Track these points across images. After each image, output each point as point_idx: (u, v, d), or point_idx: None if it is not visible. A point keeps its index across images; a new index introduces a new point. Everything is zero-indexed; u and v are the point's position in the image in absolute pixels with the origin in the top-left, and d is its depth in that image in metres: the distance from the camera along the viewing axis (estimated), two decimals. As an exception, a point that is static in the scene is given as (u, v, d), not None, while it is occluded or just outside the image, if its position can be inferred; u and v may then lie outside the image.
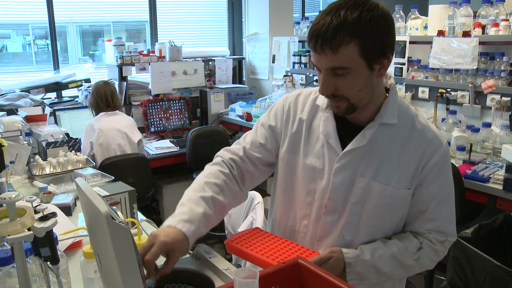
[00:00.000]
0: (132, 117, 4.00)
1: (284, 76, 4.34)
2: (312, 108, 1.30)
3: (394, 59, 3.35)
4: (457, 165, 2.43)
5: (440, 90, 3.09)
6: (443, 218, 1.24)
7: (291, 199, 1.33)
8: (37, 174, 2.32)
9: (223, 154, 1.36)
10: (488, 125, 2.75)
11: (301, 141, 1.29)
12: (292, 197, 1.33)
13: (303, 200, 1.30)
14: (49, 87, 4.03)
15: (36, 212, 1.02)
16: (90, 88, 3.56)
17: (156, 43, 4.50)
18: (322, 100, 1.27)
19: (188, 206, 1.19)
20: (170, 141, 4.06)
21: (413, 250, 1.23)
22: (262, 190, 1.69)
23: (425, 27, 3.21)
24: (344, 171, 1.21)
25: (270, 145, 1.34)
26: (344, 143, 1.23)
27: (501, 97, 2.79)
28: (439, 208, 1.23)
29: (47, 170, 2.36)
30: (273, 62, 4.65)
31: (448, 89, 3.06)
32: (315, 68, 1.16)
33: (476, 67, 2.86)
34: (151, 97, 4.30)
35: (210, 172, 1.30)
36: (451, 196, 1.26)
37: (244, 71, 5.07)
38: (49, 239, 1.02)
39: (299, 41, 4.28)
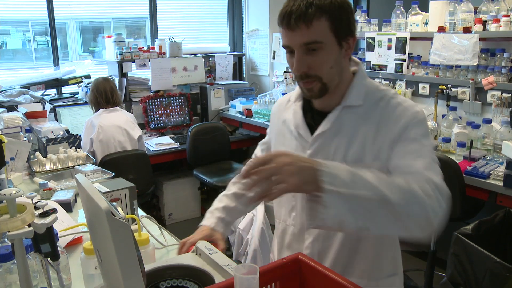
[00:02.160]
0: (132, 113, 4.00)
1: (285, 72, 4.34)
2: (286, 106, 1.38)
3: (395, 55, 3.35)
4: (457, 162, 2.42)
5: (440, 87, 3.09)
6: (422, 168, 1.11)
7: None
8: (37, 170, 2.32)
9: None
10: (488, 121, 2.75)
11: (281, 139, 1.37)
12: None
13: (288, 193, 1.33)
14: (49, 84, 4.03)
15: (36, 208, 1.02)
16: (90, 84, 3.56)
17: (156, 39, 4.50)
18: (290, 95, 1.37)
19: (212, 207, 1.47)
20: (170, 138, 4.06)
21: (401, 177, 1.08)
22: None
23: (426, 23, 3.20)
24: (316, 157, 1.23)
25: (269, 147, 1.47)
26: (312, 131, 1.27)
27: (501, 94, 2.79)
28: (415, 162, 1.13)
29: (47, 167, 2.36)
30: (274, 58, 4.64)
31: (448, 86, 3.06)
32: (286, 51, 1.20)
33: (476, 63, 2.86)
34: (151, 93, 4.30)
35: (236, 176, 1.51)
36: (428, 156, 1.14)
37: (244, 67, 5.06)
38: (50, 235, 1.02)
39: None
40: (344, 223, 0.98)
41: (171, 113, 4.32)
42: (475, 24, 2.85)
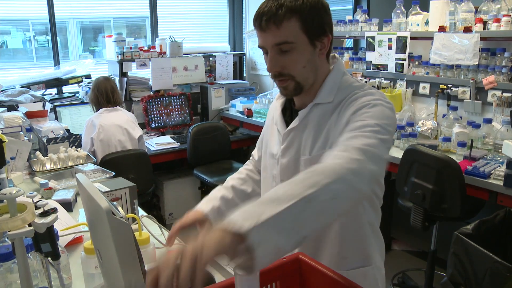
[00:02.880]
0: (133, 113, 4.00)
1: (285, 72, 4.33)
2: (275, 103, 1.43)
3: (395, 55, 3.35)
4: (458, 161, 2.42)
5: (441, 86, 3.09)
6: (348, 137, 1.06)
7: (266, 187, 1.44)
8: (38, 170, 2.32)
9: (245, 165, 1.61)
10: (489, 121, 2.75)
11: (269, 133, 1.43)
12: (267, 186, 1.43)
13: (271, 187, 1.38)
14: (49, 83, 4.03)
15: (36, 207, 1.03)
16: (91, 84, 3.56)
17: (156, 39, 4.49)
18: (278, 95, 1.41)
19: (208, 196, 1.45)
20: (170, 137, 4.06)
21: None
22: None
23: (426, 23, 3.20)
24: (288, 152, 1.30)
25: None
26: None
27: (502, 93, 2.79)
28: (345, 137, 1.08)
29: (48, 166, 2.36)
30: (274, 58, 4.63)
31: (449, 85, 3.06)
32: (263, 52, 1.23)
33: (477, 63, 2.86)
34: (151, 93, 4.29)
35: (237, 172, 1.56)
36: (368, 131, 1.07)
37: (244, 67, 5.06)
38: (50, 234, 1.02)
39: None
40: (281, 250, 0.84)
41: (171, 113, 4.32)
42: (476, 24, 2.85)
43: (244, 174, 1.54)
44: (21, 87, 3.84)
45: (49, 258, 1.06)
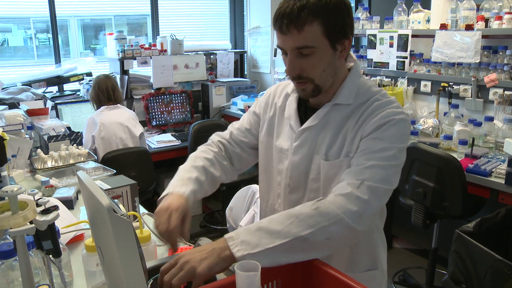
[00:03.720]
0: (134, 110, 4.00)
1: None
2: (286, 95, 1.38)
3: (396, 53, 3.34)
4: (459, 159, 2.42)
5: (442, 84, 3.08)
6: (363, 166, 1.13)
7: (268, 179, 1.41)
8: (39, 167, 2.32)
9: (213, 137, 1.49)
10: (490, 119, 2.74)
11: (275, 125, 1.38)
12: (269, 177, 1.41)
13: (275, 180, 1.37)
14: (50, 81, 4.03)
15: (38, 205, 1.03)
16: (92, 82, 3.56)
17: (157, 36, 4.49)
18: (291, 87, 1.36)
19: (180, 174, 1.31)
20: (171, 135, 4.06)
21: (311, 202, 1.10)
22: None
23: (428, 21, 3.19)
24: (301, 149, 1.27)
25: (254, 130, 1.45)
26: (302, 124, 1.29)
27: (503, 91, 2.78)
28: (364, 159, 1.14)
29: (49, 164, 2.36)
30: (275, 55, 4.63)
31: (450, 83, 3.05)
32: (282, 52, 1.21)
33: (478, 60, 2.85)
34: (152, 90, 4.29)
35: (201, 150, 1.42)
36: (384, 159, 1.13)
37: (245, 64, 5.06)
38: (51, 232, 1.03)
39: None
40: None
41: (172, 111, 4.32)
42: (477, 22, 2.84)
43: (211, 155, 1.38)
44: (22, 85, 3.84)
45: (51, 256, 1.06)
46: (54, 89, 4.20)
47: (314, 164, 1.26)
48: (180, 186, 1.23)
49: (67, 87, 4.28)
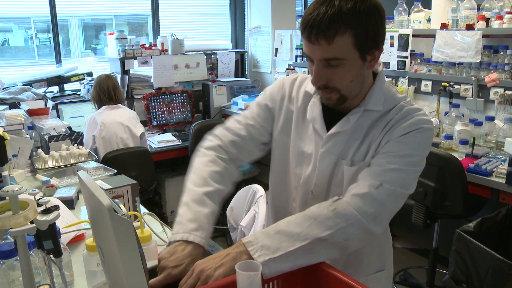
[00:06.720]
0: (135, 110, 4.00)
1: (287, 69, 4.33)
2: (306, 94, 1.30)
3: (397, 53, 3.34)
4: (460, 159, 2.42)
5: (443, 84, 3.08)
6: (385, 168, 1.12)
7: (283, 181, 1.35)
8: (40, 167, 2.32)
9: (221, 134, 1.36)
10: (491, 118, 2.74)
11: (292, 124, 1.30)
12: (284, 179, 1.34)
13: (291, 183, 1.32)
14: (51, 81, 4.03)
15: (38, 205, 1.03)
16: (92, 81, 3.56)
17: (158, 36, 4.49)
18: (311, 86, 1.26)
19: (193, 209, 1.17)
20: (172, 135, 4.06)
21: (328, 203, 1.10)
22: (264, 184, 1.69)
23: (428, 20, 3.19)
24: (329, 156, 1.22)
25: (266, 124, 1.35)
26: (329, 128, 1.23)
27: (504, 91, 2.78)
28: (386, 162, 1.13)
29: (50, 164, 2.36)
30: (276, 55, 4.64)
31: (451, 83, 3.05)
32: (307, 58, 1.16)
33: (479, 60, 2.85)
34: (153, 90, 4.29)
35: (209, 160, 1.29)
36: (407, 164, 1.14)
37: (246, 64, 5.06)
38: (52, 232, 1.03)
39: (302, 35, 4.27)
40: (284, 271, 1.02)
41: (173, 110, 4.32)
42: (478, 21, 2.84)
43: (221, 166, 1.28)
44: (23, 84, 3.84)
45: (51, 256, 1.06)
46: (55, 89, 4.20)
47: (338, 169, 1.22)
48: (196, 230, 1.11)
49: (68, 87, 4.28)
